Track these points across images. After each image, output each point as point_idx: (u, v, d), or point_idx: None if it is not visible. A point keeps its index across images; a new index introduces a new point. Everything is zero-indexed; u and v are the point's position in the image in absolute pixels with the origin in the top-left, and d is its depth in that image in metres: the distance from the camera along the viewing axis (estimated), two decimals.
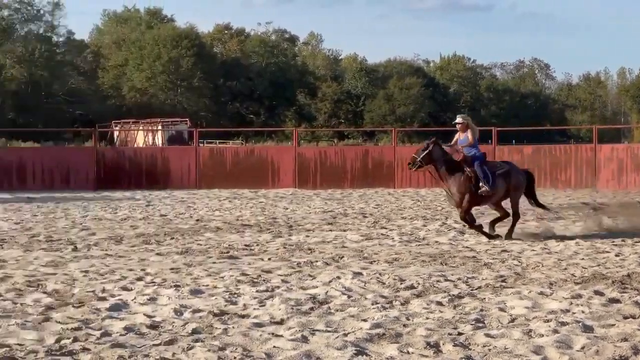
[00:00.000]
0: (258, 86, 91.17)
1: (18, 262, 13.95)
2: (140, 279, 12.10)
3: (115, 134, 55.11)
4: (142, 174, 35.57)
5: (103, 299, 10.58)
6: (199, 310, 9.79)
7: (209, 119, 79.31)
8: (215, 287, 11.36)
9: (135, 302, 10.33)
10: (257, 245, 16.05)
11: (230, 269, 12.96)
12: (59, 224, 20.63)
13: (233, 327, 8.91)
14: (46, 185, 34.53)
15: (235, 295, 10.73)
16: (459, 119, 17.42)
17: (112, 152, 38.93)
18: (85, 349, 8.04)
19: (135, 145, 48.84)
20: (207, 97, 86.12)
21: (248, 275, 12.31)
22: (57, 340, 8.35)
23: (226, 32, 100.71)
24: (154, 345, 8.18)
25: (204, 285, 11.48)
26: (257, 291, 10.99)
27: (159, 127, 54.30)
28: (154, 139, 52.54)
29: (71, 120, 77.65)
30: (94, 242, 16.68)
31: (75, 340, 8.36)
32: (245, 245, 16.04)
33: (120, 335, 8.64)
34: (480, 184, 16.67)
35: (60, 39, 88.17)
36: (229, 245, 16.07)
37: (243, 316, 9.52)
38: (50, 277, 12.26)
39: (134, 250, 15.55)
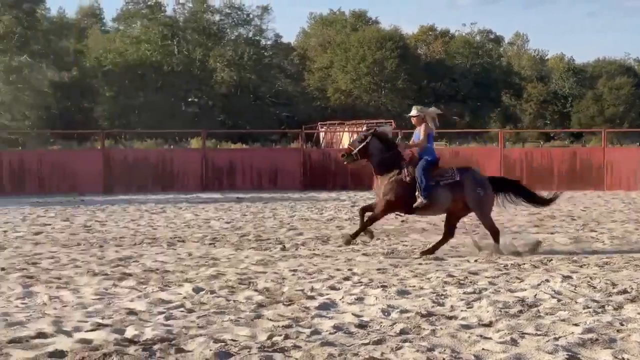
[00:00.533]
0: (462, 87, 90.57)
1: (230, 260, 14.36)
2: (347, 278, 12.23)
3: (321, 135, 55.96)
4: (347, 175, 35.88)
5: (312, 297, 10.75)
6: (406, 311, 9.80)
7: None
8: (421, 288, 11.37)
9: (343, 302, 10.45)
10: (463, 247, 15.92)
11: (437, 270, 12.92)
12: (267, 223, 21.10)
13: (441, 329, 8.88)
14: (255, 185, 35.37)
15: (442, 297, 10.69)
16: (413, 112, 15.24)
17: (318, 153, 39.51)
18: (296, 347, 8.19)
19: (341, 147, 49.41)
20: (410, 99, 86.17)
21: (454, 276, 12.25)
22: (269, 337, 8.54)
23: (430, 33, 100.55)
24: (363, 344, 8.25)
25: (410, 286, 11.49)
26: (464, 293, 10.92)
27: (364, 129, 54.75)
28: None
29: (278, 122, 79.39)
30: (302, 242, 16.96)
31: (287, 337, 8.53)
32: (451, 246, 15.95)
33: (330, 333, 8.75)
34: (416, 192, 14.59)
35: (268, 43, 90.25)
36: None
37: (450, 317, 9.48)
38: (261, 276, 12.55)
39: (341, 250, 15.71)
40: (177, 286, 11.65)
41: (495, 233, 15.05)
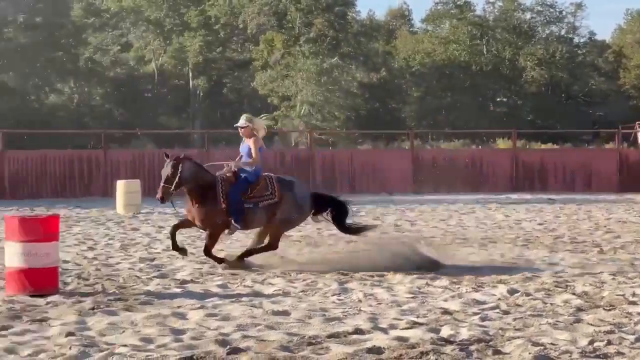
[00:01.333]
0: None
1: (544, 262, 13.99)
2: None
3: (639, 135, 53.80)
4: None
5: (634, 303, 10.26)
6: None
7: None
8: None
9: None
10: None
11: None
12: (582, 225, 20.45)
13: None
14: (567, 186, 34.45)
15: None
16: (241, 121, 13.52)
17: (636, 153, 37.94)
18: (619, 353, 7.83)
19: None
20: None
21: None
22: (590, 342, 8.20)
23: None
24: None
25: None
26: None
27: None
28: None
29: (590, 122, 77.23)
30: (620, 245, 16.28)
31: (609, 343, 8.16)
32: None
33: None
34: (230, 218, 13.15)
35: (581, 40, 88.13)
36: None
37: None
38: (578, 279, 12.11)
39: None
40: (491, 287, 11.46)
41: (267, 249, 13.57)
